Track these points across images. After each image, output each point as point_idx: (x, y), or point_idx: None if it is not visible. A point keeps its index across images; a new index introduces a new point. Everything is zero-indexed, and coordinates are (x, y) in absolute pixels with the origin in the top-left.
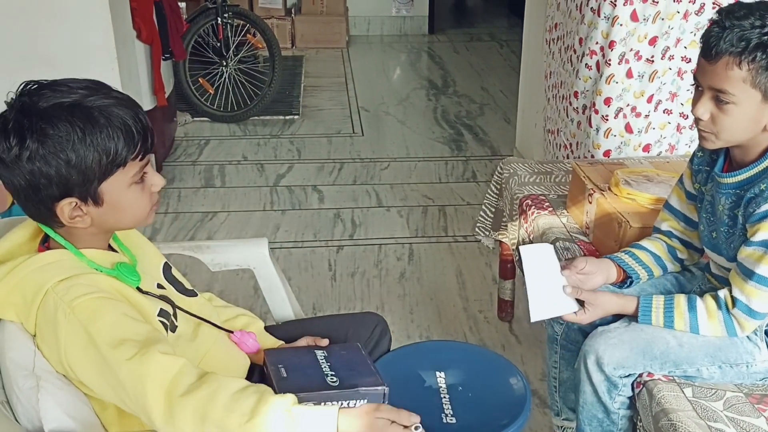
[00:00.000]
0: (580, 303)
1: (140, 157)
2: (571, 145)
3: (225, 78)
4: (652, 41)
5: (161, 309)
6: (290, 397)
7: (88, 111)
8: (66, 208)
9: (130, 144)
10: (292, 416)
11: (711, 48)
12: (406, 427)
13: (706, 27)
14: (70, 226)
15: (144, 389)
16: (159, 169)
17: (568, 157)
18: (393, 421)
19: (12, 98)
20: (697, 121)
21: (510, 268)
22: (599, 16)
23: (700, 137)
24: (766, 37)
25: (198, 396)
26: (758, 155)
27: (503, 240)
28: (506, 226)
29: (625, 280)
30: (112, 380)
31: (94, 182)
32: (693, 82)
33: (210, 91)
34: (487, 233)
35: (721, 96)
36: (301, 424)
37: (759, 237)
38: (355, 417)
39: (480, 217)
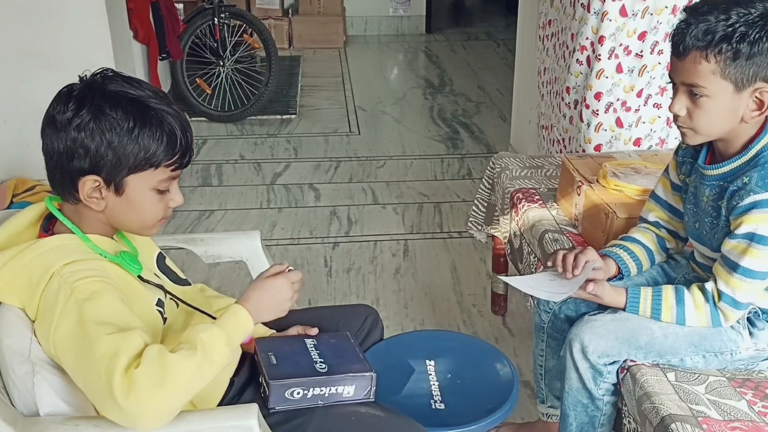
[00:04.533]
0: None
1: (173, 167)
2: (563, 140)
3: (222, 78)
4: (641, 36)
5: (159, 299)
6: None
7: (147, 109)
8: (88, 183)
9: (170, 151)
10: (223, 329)
11: (678, 44)
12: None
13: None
14: (81, 208)
15: (117, 364)
16: None
17: (561, 152)
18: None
19: (86, 75)
20: (675, 118)
21: (503, 262)
22: (589, 11)
23: (681, 134)
24: (730, 29)
25: (146, 360)
26: (740, 148)
27: (496, 234)
28: (498, 220)
29: (616, 275)
30: (88, 358)
31: (124, 170)
32: (668, 81)
33: (207, 91)
34: (480, 227)
35: (694, 90)
36: (231, 331)
37: (743, 230)
38: (255, 296)
39: (472, 212)
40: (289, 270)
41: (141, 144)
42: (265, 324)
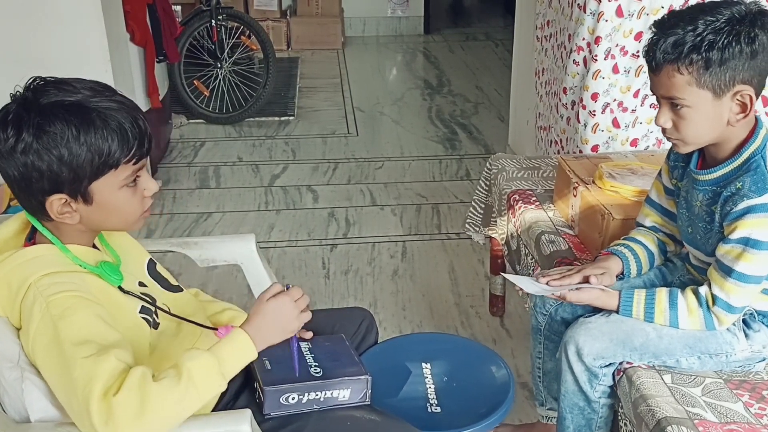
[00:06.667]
0: None
1: (134, 161)
2: (561, 141)
3: (220, 80)
4: (638, 36)
5: (142, 306)
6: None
7: (86, 111)
8: (55, 203)
9: (124, 147)
10: (216, 357)
11: (651, 60)
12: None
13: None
14: (58, 222)
15: (92, 390)
16: (154, 171)
17: (558, 153)
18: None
19: (18, 92)
20: (663, 131)
21: (500, 263)
22: (585, 12)
23: (673, 145)
24: (698, 39)
25: (126, 387)
26: (732, 152)
27: (493, 235)
28: (495, 221)
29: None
30: (66, 380)
31: (84, 181)
32: (651, 93)
33: (205, 93)
34: (477, 229)
35: (675, 102)
36: (227, 358)
37: (737, 235)
38: (257, 320)
39: (470, 213)
40: (288, 287)
41: (92, 149)
42: None
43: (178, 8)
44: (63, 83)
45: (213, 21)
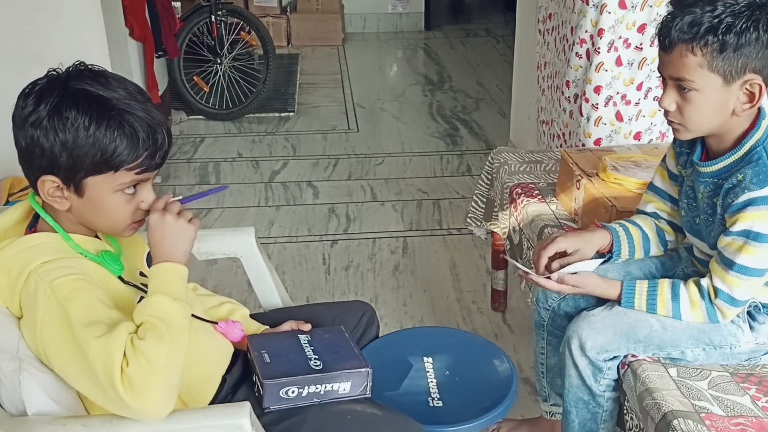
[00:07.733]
0: None
1: (138, 170)
2: (564, 134)
3: (220, 76)
4: (641, 28)
5: (141, 297)
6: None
7: (108, 108)
8: (48, 183)
9: (131, 154)
10: (157, 293)
11: (664, 38)
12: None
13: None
14: (48, 203)
15: (113, 365)
16: None
17: (561, 147)
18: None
19: (60, 68)
20: (666, 113)
21: (502, 258)
22: (588, 4)
23: (673, 130)
24: (716, 21)
25: (130, 357)
26: (733, 143)
27: (495, 230)
28: (497, 216)
29: (606, 253)
30: (82, 362)
31: (80, 172)
32: (658, 75)
33: (205, 89)
34: (479, 223)
35: (682, 84)
36: (167, 287)
37: (738, 227)
38: (160, 248)
39: (471, 208)
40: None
41: (97, 145)
42: (259, 321)
43: (178, 4)
44: (101, 76)
45: (213, 17)
